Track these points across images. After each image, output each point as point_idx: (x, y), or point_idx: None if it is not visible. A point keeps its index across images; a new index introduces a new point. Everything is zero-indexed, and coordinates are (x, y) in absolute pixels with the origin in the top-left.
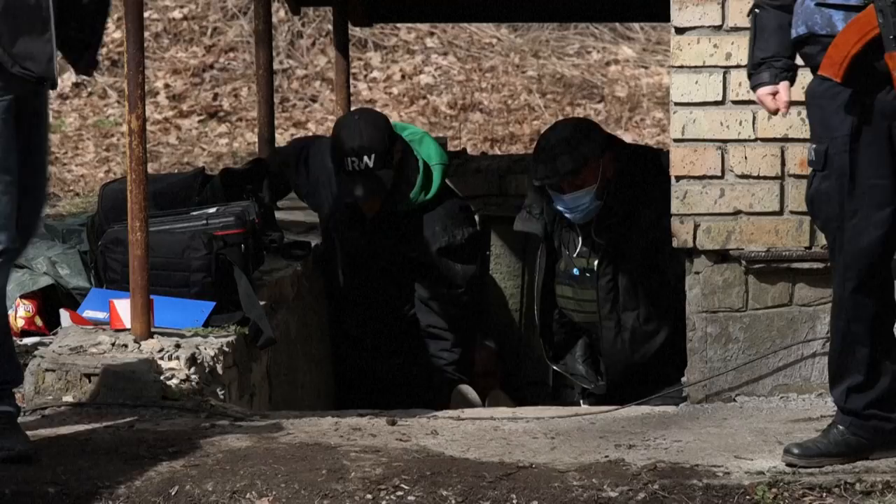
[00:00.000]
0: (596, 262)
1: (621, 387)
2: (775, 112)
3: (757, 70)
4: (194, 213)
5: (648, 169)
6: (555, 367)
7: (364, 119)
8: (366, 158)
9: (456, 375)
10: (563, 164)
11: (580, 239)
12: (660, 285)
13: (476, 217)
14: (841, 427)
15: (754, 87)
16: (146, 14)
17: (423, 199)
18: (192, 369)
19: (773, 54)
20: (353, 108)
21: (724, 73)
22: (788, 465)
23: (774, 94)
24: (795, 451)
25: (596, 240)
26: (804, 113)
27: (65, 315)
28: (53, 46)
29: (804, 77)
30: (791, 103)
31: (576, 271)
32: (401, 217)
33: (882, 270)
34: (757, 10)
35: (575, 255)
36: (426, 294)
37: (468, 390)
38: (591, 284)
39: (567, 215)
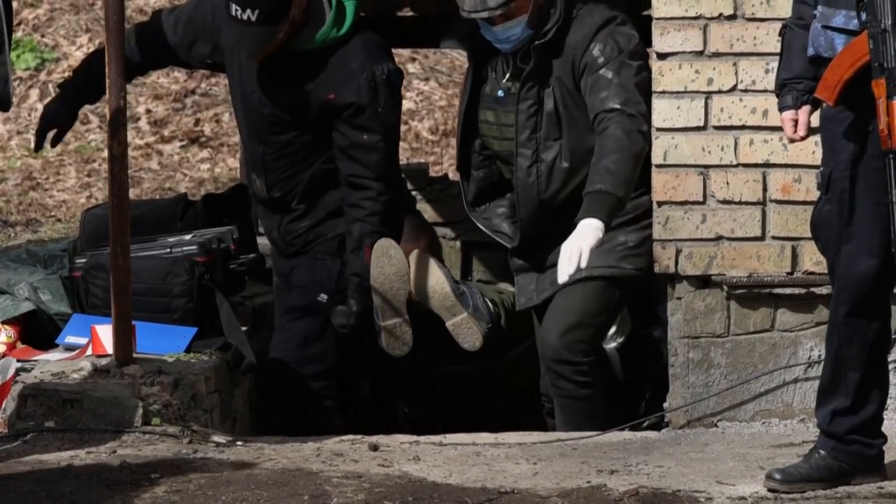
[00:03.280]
0: (518, 85)
1: (534, 240)
2: (792, 140)
3: (781, 92)
4: (160, 240)
5: None
6: (473, 218)
7: None
8: (248, 12)
9: (378, 228)
10: None
11: (509, 62)
12: (585, 122)
13: (458, 242)
14: (822, 452)
15: (780, 110)
16: None
17: (334, 35)
18: (174, 395)
19: (795, 76)
20: None
21: (706, 99)
22: (770, 490)
23: (797, 119)
24: (777, 476)
25: (520, 65)
26: (785, 139)
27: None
28: (9, 69)
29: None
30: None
31: (500, 93)
32: (308, 58)
33: (877, 297)
34: (785, 30)
35: (503, 79)
36: (344, 141)
37: (391, 246)
38: (513, 108)
39: (496, 45)
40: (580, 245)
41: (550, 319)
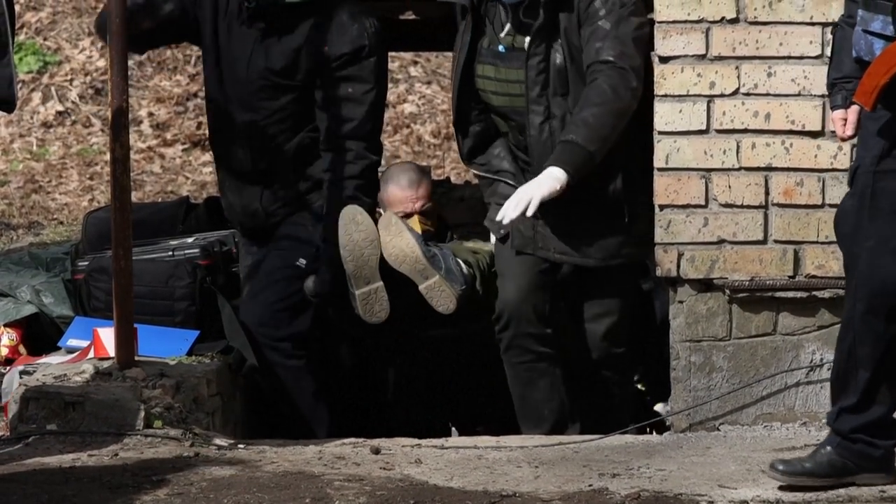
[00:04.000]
0: (527, 41)
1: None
2: (842, 139)
3: (831, 91)
4: (162, 243)
5: None
6: (473, 170)
7: None
8: None
9: (351, 193)
10: None
11: (508, 15)
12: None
13: None
14: (828, 447)
15: (831, 109)
16: None
17: None
18: (176, 398)
19: (844, 75)
20: None
21: (708, 102)
22: (772, 478)
23: (846, 119)
24: (780, 466)
25: (523, 19)
26: (787, 142)
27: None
28: (13, 70)
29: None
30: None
31: (501, 48)
32: (294, 13)
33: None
34: (836, 28)
35: (502, 34)
36: (329, 95)
37: (358, 212)
38: (518, 63)
39: None
40: (531, 194)
41: (590, 326)
